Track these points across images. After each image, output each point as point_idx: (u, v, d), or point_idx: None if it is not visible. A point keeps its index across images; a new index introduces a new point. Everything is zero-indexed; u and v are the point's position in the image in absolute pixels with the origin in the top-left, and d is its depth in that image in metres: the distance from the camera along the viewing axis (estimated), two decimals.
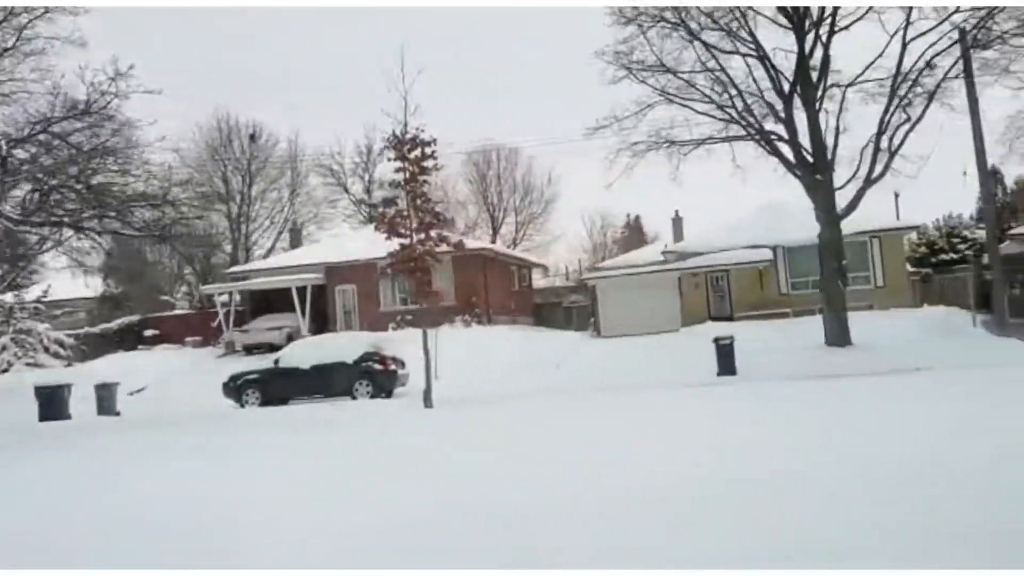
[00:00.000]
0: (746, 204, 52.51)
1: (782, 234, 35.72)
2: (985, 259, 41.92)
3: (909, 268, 42.85)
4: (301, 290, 36.66)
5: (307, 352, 22.74)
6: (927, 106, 23.54)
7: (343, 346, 22.87)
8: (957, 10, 23.09)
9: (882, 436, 9.45)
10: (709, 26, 24.32)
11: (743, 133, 25.38)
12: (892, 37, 23.35)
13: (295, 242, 46.93)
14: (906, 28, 23.21)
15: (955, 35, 23.81)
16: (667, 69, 24.79)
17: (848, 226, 34.68)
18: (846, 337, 23.74)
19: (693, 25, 24.52)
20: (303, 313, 36.37)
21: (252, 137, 53.90)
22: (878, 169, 24.32)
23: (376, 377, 22.03)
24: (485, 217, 59.66)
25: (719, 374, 21.45)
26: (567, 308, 45.26)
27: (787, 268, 35.92)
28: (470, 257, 36.49)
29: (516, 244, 58.52)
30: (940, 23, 23.29)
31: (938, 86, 23.56)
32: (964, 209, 53.94)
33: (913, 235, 42.32)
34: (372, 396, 21.74)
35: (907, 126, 23.73)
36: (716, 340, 21.93)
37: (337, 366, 21.84)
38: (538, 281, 53.71)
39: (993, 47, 25.05)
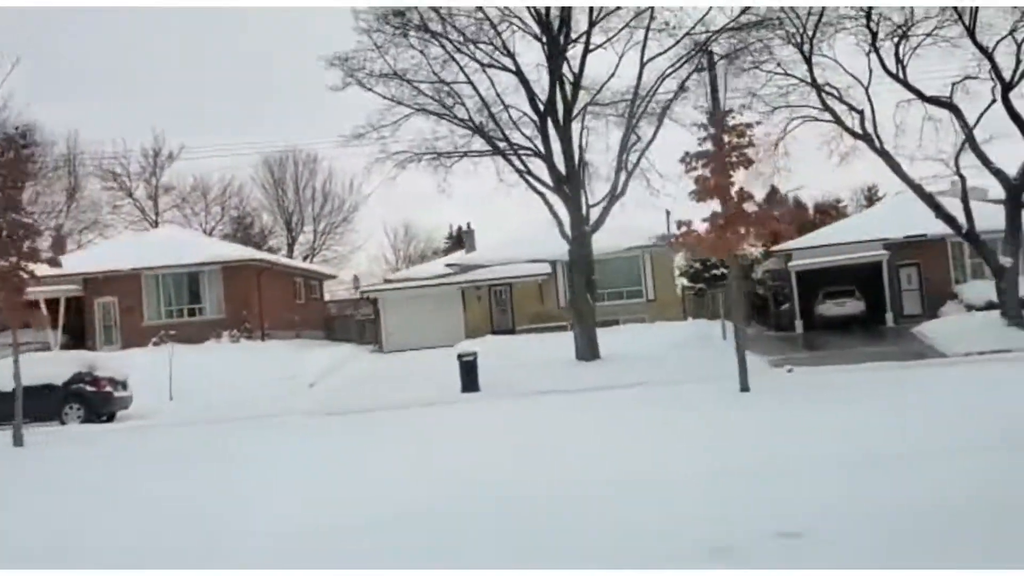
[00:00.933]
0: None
1: (561, 248, 36.12)
2: (758, 274, 44.38)
3: (686, 282, 44.62)
4: (53, 302, 33.67)
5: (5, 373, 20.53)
6: (658, 127, 24.29)
7: (52, 366, 20.80)
8: (688, 33, 23.92)
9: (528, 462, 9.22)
10: (472, 38, 24.05)
11: (504, 147, 25.20)
12: (621, 58, 24.06)
13: (58, 250, 43.25)
14: (643, 48, 23.88)
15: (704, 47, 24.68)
16: (402, 78, 24.28)
17: (622, 241, 35.64)
18: (595, 351, 23.96)
19: (454, 36, 24.16)
20: (55, 328, 33.43)
21: (23, 136, 49.57)
22: (621, 187, 24.81)
23: (89, 400, 20.16)
24: (286, 225, 57.57)
25: (463, 391, 21.04)
26: (360, 321, 44.08)
27: (566, 281, 36.28)
28: (241, 268, 34.78)
29: (315, 254, 56.80)
30: (674, 45, 24.12)
31: (665, 108, 24.30)
32: None
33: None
34: (84, 420, 19.88)
35: (641, 145, 24.40)
36: (459, 356, 21.51)
37: (42, 388, 19.75)
38: (339, 293, 52.34)
39: (741, 69, 26.18)
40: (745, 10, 23.52)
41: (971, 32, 24.07)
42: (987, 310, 31.20)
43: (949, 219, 24.98)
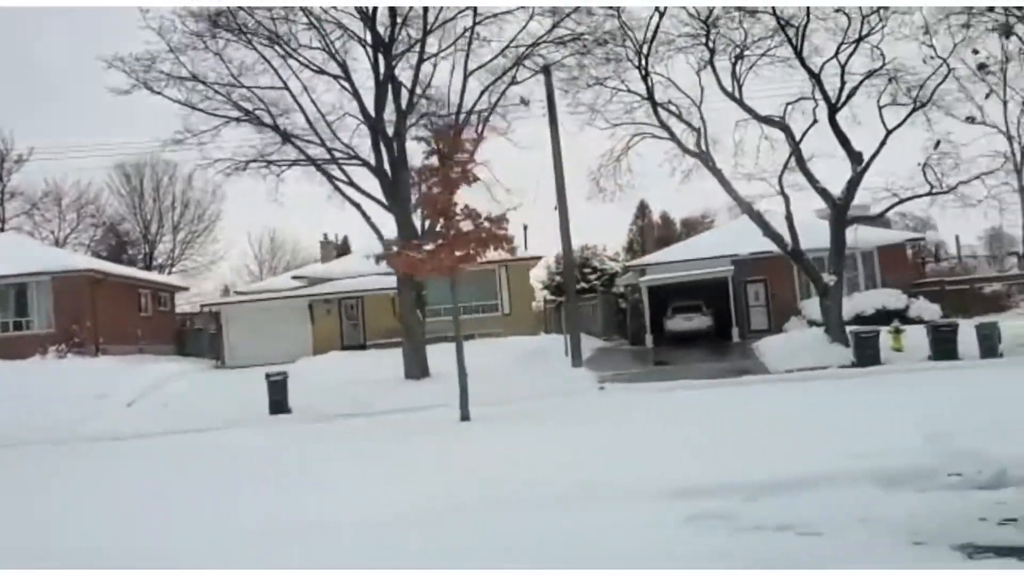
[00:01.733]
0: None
1: None
2: (619, 288, 44.64)
3: (548, 296, 44.54)
4: None
5: None
6: (478, 140, 23.78)
7: None
8: (509, 45, 23.65)
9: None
10: (286, 40, 23.07)
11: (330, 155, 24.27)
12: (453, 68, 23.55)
13: None
14: (467, 59, 23.47)
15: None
16: (203, 82, 23.13)
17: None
18: (423, 369, 23.26)
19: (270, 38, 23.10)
20: None
21: None
22: None
23: None
24: (144, 234, 54.91)
25: (271, 412, 20.01)
26: (213, 335, 42.23)
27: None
28: (73, 279, 32.73)
29: (174, 264, 54.40)
30: (494, 57, 23.82)
31: (485, 120, 23.96)
32: (613, 239, 57.46)
33: (552, 264, 43.99)
34: None
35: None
36: (267, 376, 20.48)
37: None
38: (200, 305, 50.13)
39: (587, 85, 26.10)
40: (557, 24, 23.35)
41: (799, 54, 24.52)
42: (823, 325, 32.17)
43: (776, 237, 25.36)
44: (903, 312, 32.59)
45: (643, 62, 25.58)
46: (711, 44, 25.97)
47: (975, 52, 22.88)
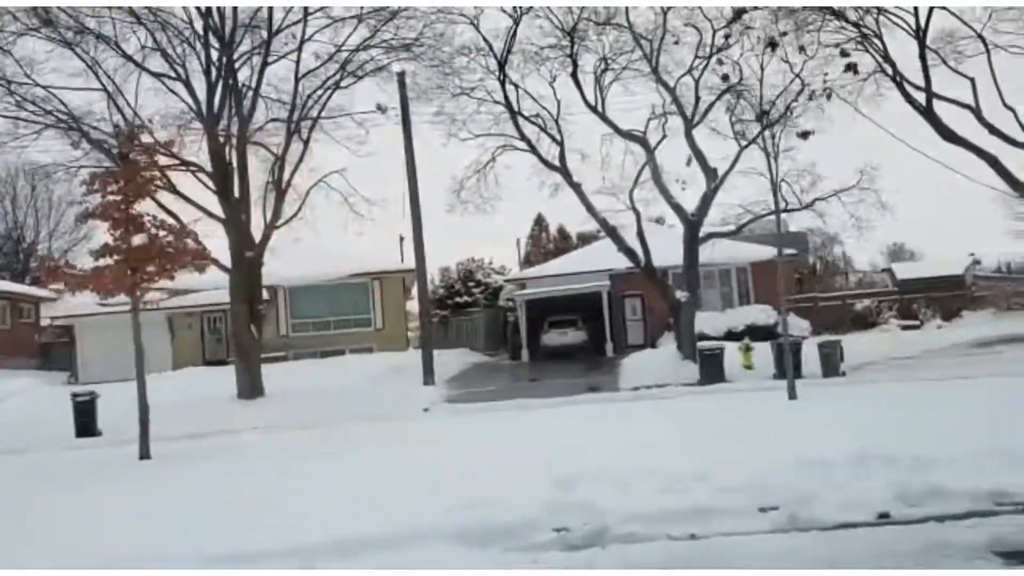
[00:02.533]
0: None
1: (284, 272, 34.20)
2: (503, 302, 44.05)
3: (432, 310, 43.68)
4: None
5: None
6: (305, 147, 23.02)
7: None
8: (339, 48, 22.87)
9: None
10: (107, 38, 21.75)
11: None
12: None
13: None
14: (297, 63, 22.57)
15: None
16: None
17: (349, 267, 34.14)
18: (257, 389, 22.12)
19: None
20: None
21: None
22: (287, 211, 23.34)
23: None
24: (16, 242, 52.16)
25: (77, 435, 18.68)
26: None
27: (288, 309, 34.37)
28: None
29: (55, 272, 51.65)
30: (326, 62, 23.00)
31: (312, 126, 23.12)
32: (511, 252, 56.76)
33: (437, 277, 43.19)
34: None
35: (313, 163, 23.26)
36: (73, 397, 19.15)
37: None
38: None
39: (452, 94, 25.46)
40: (378, 29, 22.63)
41: (654, 68, 24.27)
42: (700, 340, 32.07)
43: (629, 252, 25.01)
44: (773, 328, 32.78)
45: (501, 72, 25.00)
46: (574, 55, 25.58)
47: (844, 54, 23.04)
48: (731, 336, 32.23)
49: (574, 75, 25.63)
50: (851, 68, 23.19)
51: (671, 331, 33.93)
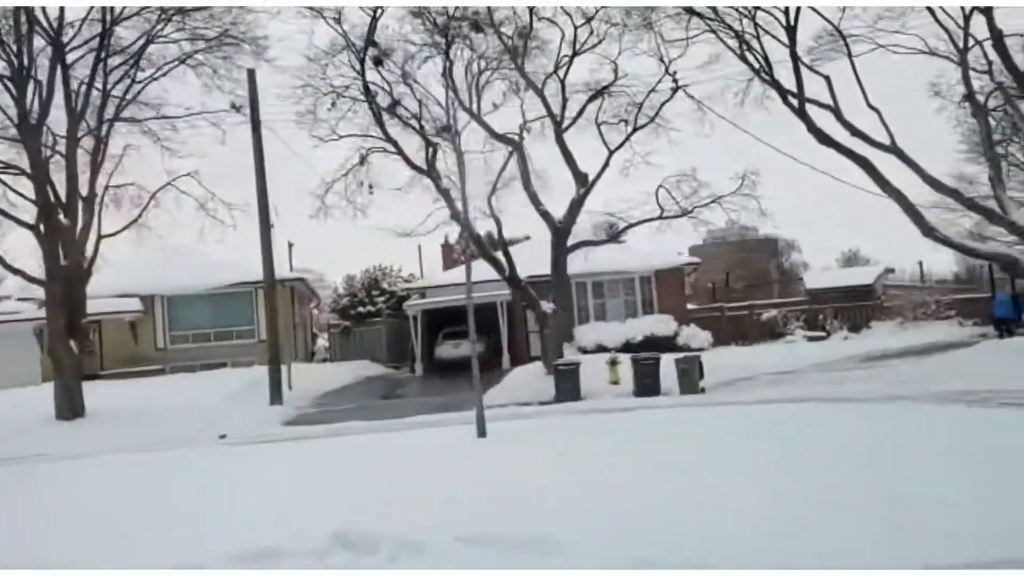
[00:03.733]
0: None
1: (163, 281, 32.53)
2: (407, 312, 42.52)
3: (334, 320, 42.05)
4: None
5: None
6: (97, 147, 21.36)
7: None
8: (150, 41, 21.24)
9: None
10: None
11: None
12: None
13: None
14: (105, 59, 20.87)
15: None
16: None
17: (233, 275, 32.45)
18: (76, 408, 20.30)
19: None
20: None
21: None
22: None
23: None
24: None
25: None
26: None
27: (166, 320, 32.62)
28: None
29: None
30: (126, 61, 21.30)
31: (110, 123, 21.49)
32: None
33: (340, 287, 41.58)
34: None
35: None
36: None
37: None
38: None
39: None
40: (166, 21, 21.04)
41: (519, 68, 22.97)
42: (597, 352, 30.78)
43: (493, 261, 23.63)
44: (672, 339, 31.58)
45: (362, 70, 23.54)
46: (449, 54, 24.19)
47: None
48: (628, 348, 31.03)
49: (449, 73, 24.21)
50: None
51: (570, 343, 32.94)
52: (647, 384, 19.74)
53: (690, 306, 36.68)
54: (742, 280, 45.33)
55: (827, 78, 19.52)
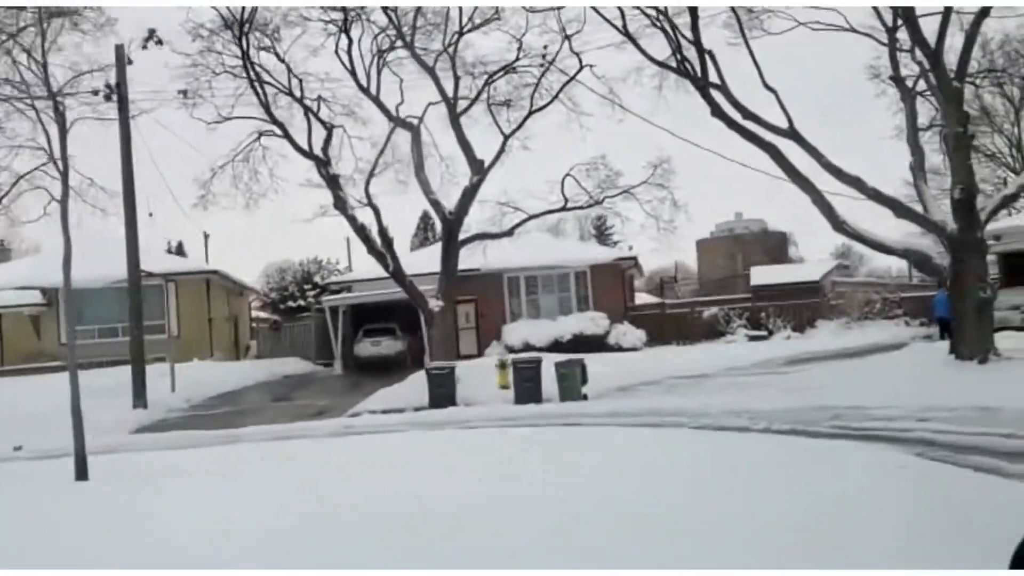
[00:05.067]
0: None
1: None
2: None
3: (264, 314, 40.42)
4: None
5: None
6: None
7: None
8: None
9: None
10: None
11: None
12: None
13: None
14: None
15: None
16: None
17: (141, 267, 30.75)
18: None
19: None
20: None
21: None
22: None
23: None
24: None
25: None
26: None
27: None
28: None
29: None
30: None
31: None
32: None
33: (266, 279, 39.89)
34: None
35: None
36: None
37: None
38: None
39: None
40: None
41: (409, 46, 21.26)
42: (524, 351, 29.08)
43: (379, 256, 21.87)
44: (603, 338, 29.91)
45: (244, 45, 21.77)
46: (347, 31, 22.46)
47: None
48: (557, 347, 29.34)
49: (348, 51, 22.48)
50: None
51: (498, 341, 31.26)
52: (528, 389, 18.03)
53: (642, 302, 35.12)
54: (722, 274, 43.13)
55: (710, 53, 17.66)
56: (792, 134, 17.24)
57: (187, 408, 22.04)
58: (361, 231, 21.12)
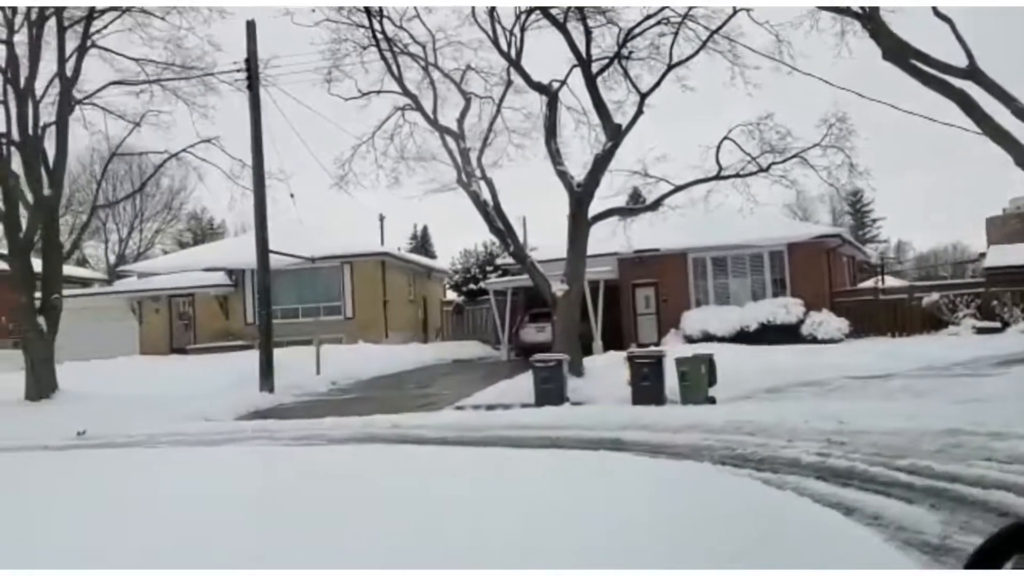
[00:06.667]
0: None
1: (250, 256, 31.67)
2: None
3: (444, 298, 39.67)
4: None
5: None
6: None
7: None
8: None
9: None
10: None
11: None
12: None
13: None
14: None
15: None
16: None
17: (319, 249, 30.92)
18: (44, 389, 19.07)
19: None
20: None
21: None
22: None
23: None
24: None
25: None
26: None
27: (255, 295, 31.77)
28: None
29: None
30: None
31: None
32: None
33: (456, 262, 39.20)
34: None
35: None
36: None
37: None
38: None
39: None
40: None
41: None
42: (704, 341, 26.06)
43: (499, 233, 19.77)
44: (795, 328, 26.14)
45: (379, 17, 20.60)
46: None
47: None
48: (742, 337, 26.03)
49: (491, 14, 20.73)
50: None
51: (676, 329, 28.33)
52: (645, 388, 15.39)
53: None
54: None
55: None
56: (972, 73, 13.23)
57: (318, 392, 21.41)
58: (483, 207, 19.27)
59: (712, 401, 14.85)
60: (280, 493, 7.89)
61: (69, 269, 42.93)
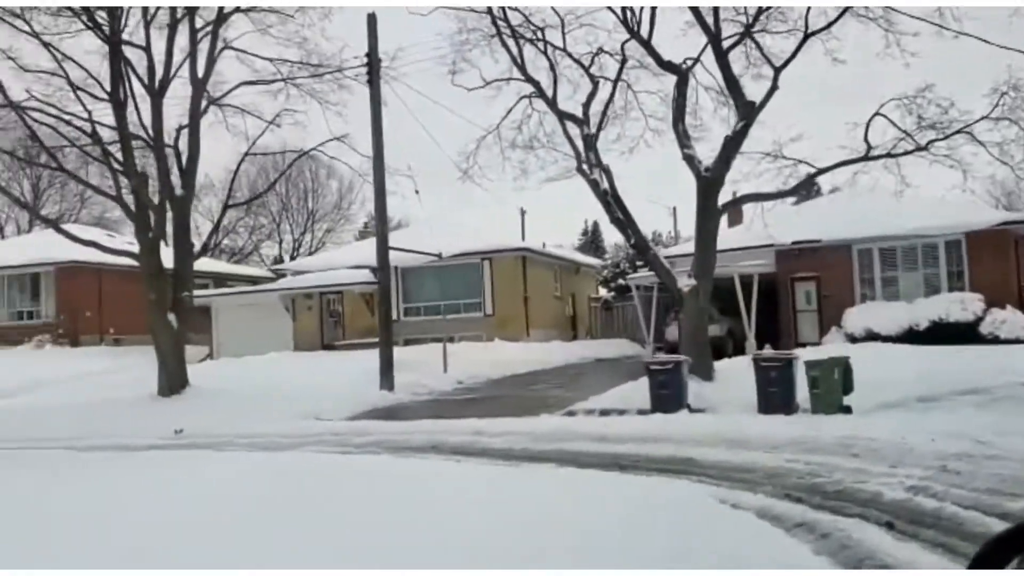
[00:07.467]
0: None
1: (395, 254, 31.71)
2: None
3: (596, 294, 38.24)
4: None
5: None
6: None
7: None
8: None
9: None
10: None
11: None
12: None
13: None
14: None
15: None
16: None
17: (456, 246, 30.57)
18: (175, 385, 19.54)
19: None
20: None
21: None
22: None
23: None
24: None
25: None
26: None
27: (400, 292, 31.86)
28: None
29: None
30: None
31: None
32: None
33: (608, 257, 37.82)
34: None
35: None
36: None
37: None
38: None
39: None
40: None
41: None
42: (868, 341, 23.63)
43: (620, 224, 18.27)
44: (973, 326, 23.14)
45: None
46: None
47: None
48: (912, 336, 23.35)
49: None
50: None
51: (838, 328, 25.82)
52: (773, 395, 13.72)
53: None
54: None
55: None
56: None
57: (441, 391, 20.87)
58: (604, 196, 17.99)
59: (847, 411, 12.98)
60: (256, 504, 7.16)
61: (238, 268, 45.35)
